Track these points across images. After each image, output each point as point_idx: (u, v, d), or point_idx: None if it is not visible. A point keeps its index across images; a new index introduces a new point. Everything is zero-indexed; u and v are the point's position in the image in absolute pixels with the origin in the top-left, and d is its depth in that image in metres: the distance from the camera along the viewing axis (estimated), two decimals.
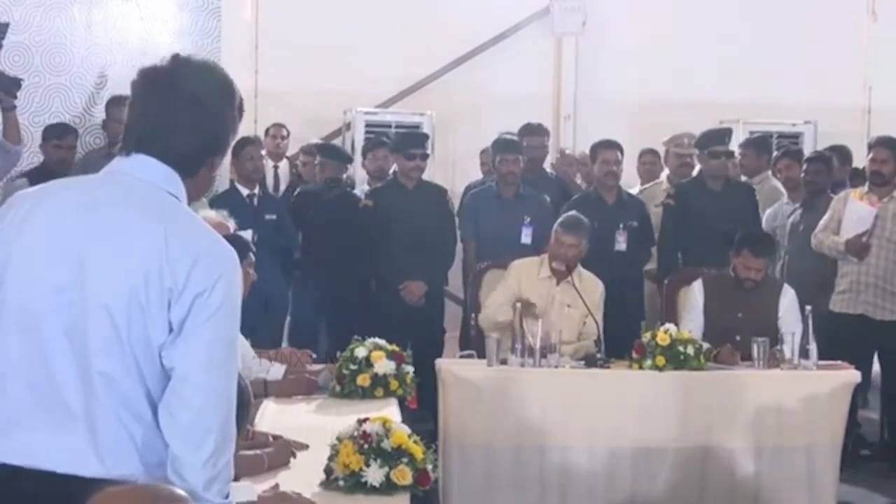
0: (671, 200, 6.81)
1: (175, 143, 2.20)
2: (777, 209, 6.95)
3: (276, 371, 4.62)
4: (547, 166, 7.73)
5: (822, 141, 8.51)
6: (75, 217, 2.16)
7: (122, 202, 2.17)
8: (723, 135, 6.76)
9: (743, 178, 7.63)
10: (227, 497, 2.14)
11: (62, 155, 6.32)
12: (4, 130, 5.91)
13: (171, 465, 2.09)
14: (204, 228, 2.21)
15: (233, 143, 2.34)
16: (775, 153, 7.14)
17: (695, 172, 7.08)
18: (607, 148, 6.77)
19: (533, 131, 7.37)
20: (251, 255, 4.25)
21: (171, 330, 2.09)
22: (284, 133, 8.25)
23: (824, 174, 6.81)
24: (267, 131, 8.27)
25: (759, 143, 7.78)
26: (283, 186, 8.06)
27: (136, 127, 2.22)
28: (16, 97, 5.89)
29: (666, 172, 8.22)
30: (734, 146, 7.55)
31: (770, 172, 7.45)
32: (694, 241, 6.62)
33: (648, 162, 8.22)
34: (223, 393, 2.13)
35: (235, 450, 2.22)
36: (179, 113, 2.19)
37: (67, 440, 2.09)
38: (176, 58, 2.24)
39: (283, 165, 8.24)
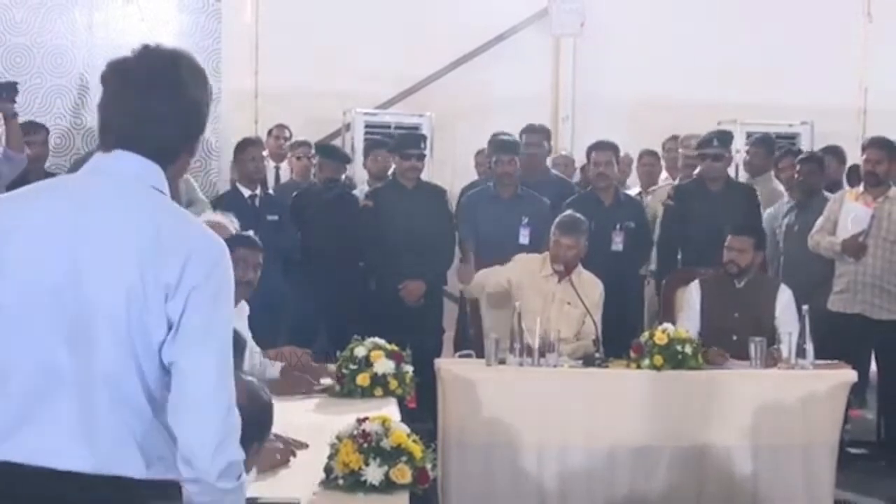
0: (671, 201, 6.84)
1: (155, 135, 2.20)
2: (777, 209, 6.98)
3: (274, 370, 4.65)
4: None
5: (819, 142, 8.54)
6: (65, 218, 2.16)
7: (110, 200, 2.17)
8: (711, 137, 6.77)
9: (747, 178, 7.65)
10: (239, 478, 2.17)
11: (36, 152, 6.25)
12: (7, 139, 5.91)
13: (180, 455, 2.12)
14: (192, 221, 2.25)
15: (207, 124, 2.36)
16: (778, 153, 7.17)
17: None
18: (598, 149, 6.80)
19: (532, 130, 7.39)
20: (260, 255, 4.29)
21: (169, 325, 2.12)
22: (287, 134, 8.28)
23: (817, 174, 6.85)
24: (270, 132, 8.30)
25: (769, 143, 7.79)
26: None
27: (113, 122, 2.23)
28: (14, 101, 5.88)
29: (664, 175, 8.27)
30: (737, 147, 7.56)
31: (772, 173, 7.47)
32: (693, 242, 6.65)
33: (648, 163, 8.25)
34: (223, 381, 2.15)
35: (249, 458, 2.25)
36: (156, 103, 2.20)
37: (67, 438, 2.10)
38: (145, 48, 2.24)
39: (285, 166, 8.27)
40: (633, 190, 8.03)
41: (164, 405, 2.15)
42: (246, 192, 6.61)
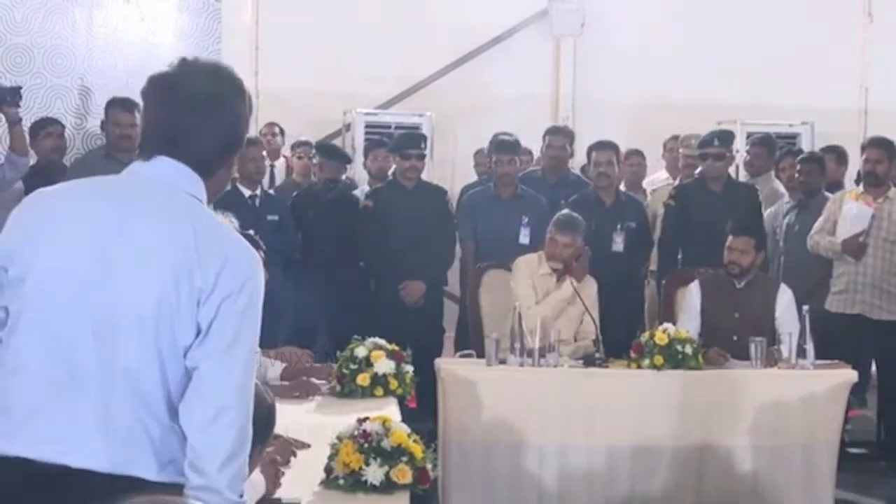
0: (672, 201, 6.84)
1: (194, 145, 2.22)
2: (777, 209, 6.98)
3: (275, 370, 4.65)
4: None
5: (820, 142, 8.54)
6: (99, 217, 2.18)
7: (149, 204, 2.19)
8: (712, 137, 6.77)
9: (747, 178, 7.65)
10: (241, 496, 2.17)
11: (54, 143, 6.28)
12: (11, 143, 5.91)
13: (189, 461, 2.12)
14: (228, 230, 2.25)
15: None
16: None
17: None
18: (599, 149, 6.79)
19: (556, 132, 7.37)
20: (261, 253, 4.28)
21: (198, 330, 2.13)
22: (276, 131, 8.31)
23: (817, 174, 6.85)
24: (260, 131, 8.31)
25: (770, 142, 7.80)
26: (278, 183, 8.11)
27: (153, 131, 2.25)
28: (19, 105, 5.87)
29: (664, 174, 8.25)
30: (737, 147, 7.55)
31: (773, 173, 7.47)
32: (694, 242, 6.64)
33: (635, 163, 8.23)
34: (244, 392, 2.16)
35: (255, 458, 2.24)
36: (196, 115, 2.22)
37: (82, 435, 2.11)
38: (185, 61, 2.26)
39: (280, 163, 8.28)
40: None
41: None
42: (246, 192, 6.61)
